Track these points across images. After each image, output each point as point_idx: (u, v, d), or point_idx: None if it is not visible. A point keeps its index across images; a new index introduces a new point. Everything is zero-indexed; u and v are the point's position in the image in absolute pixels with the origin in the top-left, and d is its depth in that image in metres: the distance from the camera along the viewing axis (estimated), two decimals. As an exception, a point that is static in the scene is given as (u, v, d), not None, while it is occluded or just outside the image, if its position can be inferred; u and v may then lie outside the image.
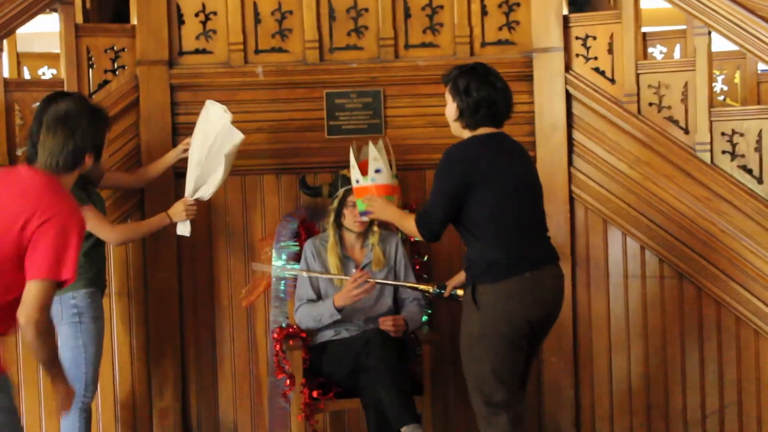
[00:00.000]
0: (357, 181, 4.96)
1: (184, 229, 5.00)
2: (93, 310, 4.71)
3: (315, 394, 4.85)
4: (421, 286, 4.85)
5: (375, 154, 4.91)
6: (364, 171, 4.92)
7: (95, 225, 4.74)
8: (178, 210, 4.96)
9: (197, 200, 4.99)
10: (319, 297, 5.09)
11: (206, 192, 4.98)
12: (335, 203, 5.09)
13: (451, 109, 4.38)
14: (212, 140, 4.90)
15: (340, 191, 5.07)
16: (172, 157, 5.18)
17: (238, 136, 4.90)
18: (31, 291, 3.38)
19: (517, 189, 4.26)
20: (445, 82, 4.42)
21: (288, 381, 4.96)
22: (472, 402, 4.33)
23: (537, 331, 4.31)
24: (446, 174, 4.25)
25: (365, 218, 4.94)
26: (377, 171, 4.91)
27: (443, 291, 4.76)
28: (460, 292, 4.64)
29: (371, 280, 4.88)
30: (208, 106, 5.00)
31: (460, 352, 4.31)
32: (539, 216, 4.40)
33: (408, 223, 4.41)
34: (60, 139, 3.59)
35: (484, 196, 4.19)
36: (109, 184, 5.14)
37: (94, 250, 4.80)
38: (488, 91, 4.29)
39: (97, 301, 4.76)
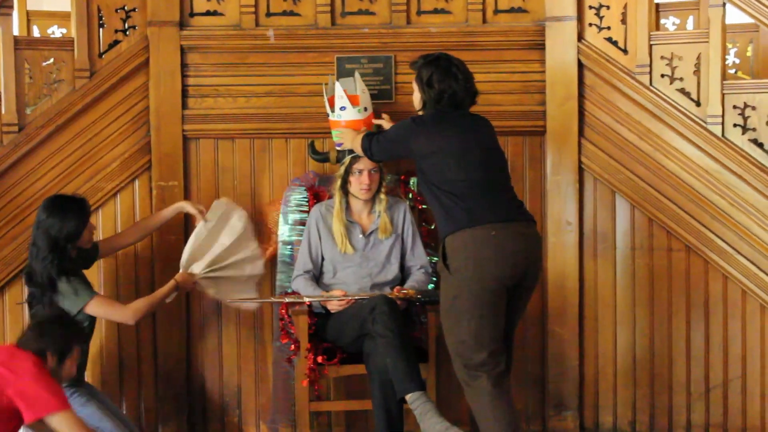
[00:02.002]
0: (328, 115, 5.14)
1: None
2: (78, 398, 4.65)
3: (320, 359, 4.86)
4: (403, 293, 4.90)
5: (340, 93, 5.06)
6: (332, 106, 5.11)
7: (108, 312, 4.78)
8: (188, 279, 4.98)
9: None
10: (319, 267, 5.13)
11: (196, 269, 5.04)
12: (341, 170, 5.09)
13: (416, 98, 4.70)
14: (220, 229, 5.10)
15: (347, 158, 5.06)
16: (175, 209, 5.15)
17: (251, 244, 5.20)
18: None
19: (467, 156, 4.45)
20: (412, 69, 4.71)
21: (293, 346, 4.97)
22: (454, 369, 4.45)
23: (514, 292, 4.43)
24: (396, 131, 4.69)
25: (338, 147, 5.15)
26: (342, 108, 5.07)
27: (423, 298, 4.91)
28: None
29: (350, 297, 4.92)
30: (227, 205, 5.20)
31: (441, 322, 4.48)
32: (501, 179, 4.55)
33: (357, 141, 4.83)
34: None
35: (437, 165, 4.44)
36: (109, 252, 5.13)
37: None
38: (449, 83, 4.54)
39: (78, 390, 4.68)
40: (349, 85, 5.13)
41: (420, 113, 4.68)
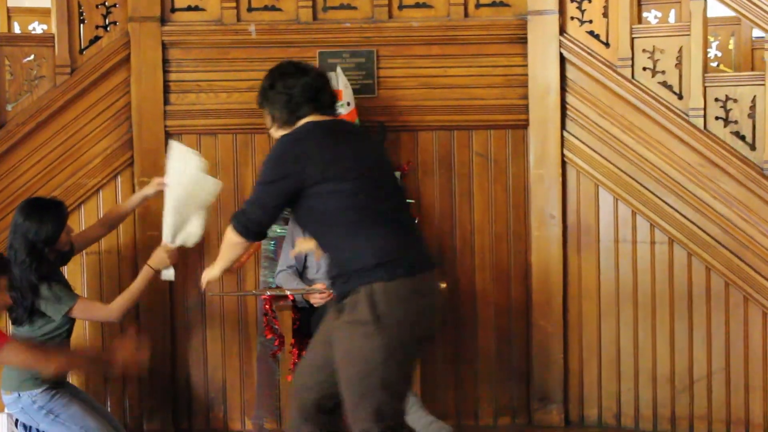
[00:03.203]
0: None
1: (168, 274, 4.73)
2: (60, 399, 4.56)
3: (304, 354, 4.84)
4: None
5: None
6: None
7: (92, 314, 4.74)
8: (161, 258, 4.67)
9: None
10: (303, 263, 5.11)
11: (189, 240, 4.67)
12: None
13: (266, 118, 3.91)
14: (185, 187, 4.60)
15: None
16: (139, 197, 4.92)
17: (215, 185, 4.66)
18: None
19: (372, 178, 3.67)
20: (260, 103, 3.93)
21: (277, 341, 4.96)
22: (354, 418, 3.65)
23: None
24: (275, 162, 3.67)
25: None
26: None
27: None
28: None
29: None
30: (178, 149, 4.68)
31: (346, 379, 3.61)
32: (406, 208, 3.88)
33: (229, 235, 3.79)
34: None
35: (336, 188, 3.58)
36: (83, 247, 4.98)
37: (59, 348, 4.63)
38: (296, 79, 3.82)
39: (59, 391, 4.59)
40: (331, 80, 5.09)
41: (276, 130, 3.88)
